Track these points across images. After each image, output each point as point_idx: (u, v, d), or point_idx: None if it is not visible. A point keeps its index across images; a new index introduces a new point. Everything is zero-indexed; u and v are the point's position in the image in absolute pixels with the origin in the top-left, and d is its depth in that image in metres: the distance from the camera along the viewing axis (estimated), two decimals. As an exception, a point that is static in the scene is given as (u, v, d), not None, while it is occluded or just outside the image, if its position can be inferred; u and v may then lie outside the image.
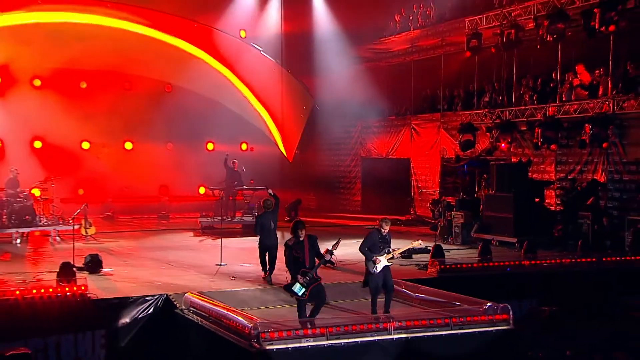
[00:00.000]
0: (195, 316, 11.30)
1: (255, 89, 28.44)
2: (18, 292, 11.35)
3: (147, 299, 12.07)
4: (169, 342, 11.86)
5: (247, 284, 13.57)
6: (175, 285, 13.09)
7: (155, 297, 12.15)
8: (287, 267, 10.96)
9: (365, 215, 25.69)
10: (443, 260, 14.94)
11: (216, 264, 15.46)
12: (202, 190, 26.85)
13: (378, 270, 11.34)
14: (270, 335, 9.56)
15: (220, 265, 15.38)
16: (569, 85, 20.32)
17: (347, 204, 29.46)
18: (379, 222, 11.60)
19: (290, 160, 29.36)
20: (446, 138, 24.77)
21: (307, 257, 10.80)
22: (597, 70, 19.61)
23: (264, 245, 13.91)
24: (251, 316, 10.30)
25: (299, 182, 27.94)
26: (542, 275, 14.98)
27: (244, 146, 28.99)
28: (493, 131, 21.93)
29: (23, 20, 24.13)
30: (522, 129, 21.30)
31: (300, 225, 11.04)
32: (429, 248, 15.66)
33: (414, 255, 16.09)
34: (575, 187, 19.11)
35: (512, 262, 15.37)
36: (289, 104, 28.63)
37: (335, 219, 25.67)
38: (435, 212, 21.57)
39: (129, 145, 27.06)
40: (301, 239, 10.90)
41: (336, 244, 11.08)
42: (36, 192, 20.23)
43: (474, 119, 22.85)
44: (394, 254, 11.53)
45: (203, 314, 11.10)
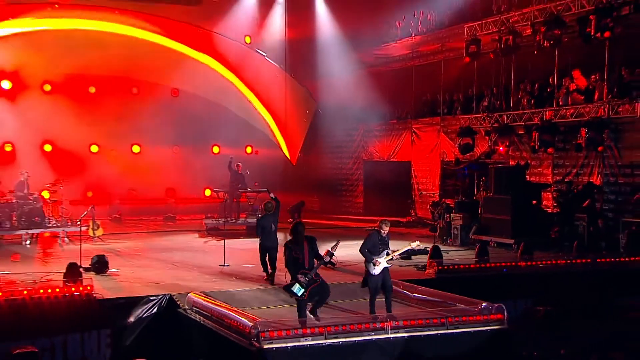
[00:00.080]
0: (197, 316, 11.35)
1: (259, 93, 28.52)
2: (26, 292, 11.40)
3: (152, 298, 12.10)
4: (173, 341, 11.89)
5: (249, 285, 13.58)
6: (179, 286, 13.12)
7: (159, 297, 12.17)
8: (287, 268, 11.00)
9: (367, 217, 25.67)
10: (441, 261, 14.94)
11: (219, 265, 15.53)
12: (208, 192, 26.92)
13: (378, 272, 11.32)
14: (269, 334, 9.60)
15: (224, 265, 15.45)
16: (565, 90, 20.30)
17: (350, 206, 29.45)
18: (379, 224, 11.57)
19: (293, 163, 29.40)
20: (446, 141, 24.76)
21: (307, 258, 10.83)
22: (593, 76, 19.56)
23: (265, 246, 13.94)
24: (251, 316, 10.33)
25: (302, 185, 27.94)
26: (538, 276, 14.97)
27: (248, 149, 29.05)
28: (491, 135, 21.93)
29: (34, 27, 24.34)
30: (520, 132, 21.28)
31: (300, 227, 11.09)
32: (428, 249, 15.68)
33: (413, 257, 16.09)
34: (571, 190, 19.11)
35: (509, 263, 15.35)
36: (293, 108, 28.67)
37: (337, 221, 25.68)
38: (435, 214, 21.53)
39: (136, 148, 27.15)
40: (301, 241, 10.94)
41: (335, 245, 11.09)
42: (46, 195, 20.28)
43: (473, 123, 22.83)
44: (393, 255, 11.52)
45: (205, 314, 11.15)
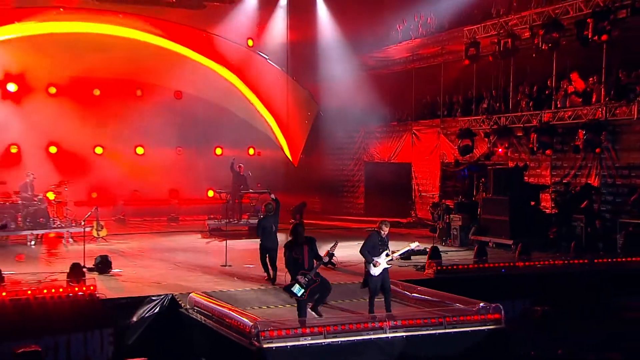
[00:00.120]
0: (199, 315, 11.37)
1: (261, 95, 28.49)
2: (30, 292, 11.44)
3: (154, 298, 12.14)
4: (174, 341, 11.92)
5: (250, 285, 13.61)
6: (181, 286, 13.15)
7: (161, 297, 12.21)
8: (287, 268, 11.04)
9: (368, 218, 25.64)
10: (440, 261, 14.99)
11: (221, 265, 15.56)
12: (211, 193, 26.89)
13: (378, 273, 11.32)
14: (269, 333, 9.62)
15: (226, 266, 15.47)
16: (563, 92, 20.33)
17: (351, 206, 29.45)
18: (379, 225, 11.58)
19: (295, 165, 29.39)
20: (446, 143, 24.77)
21: (306, 259, 10.89)
22: (591, 78, 19.61)
23: (265, 247, 13.96)
24: (252, 316, 10.35)
25: (304, 186, 27.91)
26: (536, 276, 14.96)
27: (251, 151, 29.03)
28: (491, 136, 22.00)
29: (39, 31, 24.31)
30: (519, 134, 21.31)
31: (300, 228, 11.13)
32: (427, 250, 15.69)
33: (413, 257, 16.07)
34: (569, 191, 19.11)
35: (507, 264, 15.36)
36: (294, 110, 28.65)
37: (339, 222, 25.67)
38: (434, 215, 21.55)
39: (140, 150, 27.14)
40: (300, 241, 10.98)
41: (334, 245, 11.18)
42: (51, 196, 20.33)
43: (472, 125, 22.86)
44: (393, 256, 11.53)
45: (206, 314, 11.17)
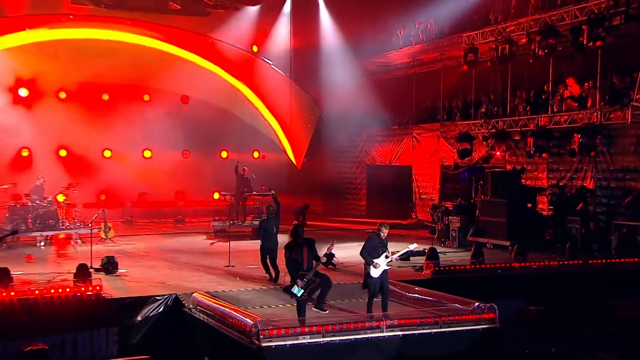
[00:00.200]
0: (201, 315, 11.43)
1: (266, 100, 28.56)
2: (37, 292, 11.52)
3: (158, 298, 12.19)
4: (178, 339, 11.99)
5: (252, 285, 13.66)
6: (185, 286, 13.20)
7: (165, 297, 12.26)
8: (287, 269, 11.11)
9: (369, 220, 25.64)
10: (437, 262, 15.02)
11: (225, 266, 15.63)
12: (217, 195, 26.95)
13: (378, 274, 11.35)
14: (269, 332, 9.68)
15: (229, 266, 15.53)
16: (560, 97, 20.33)
17: (353, 208, 29.48)
18: (378, 227, 11.62)
19: (298, 167, 29.45)
20: (445, 146, 24.79)
21: (305, 260, 10.95)
22: (586, 83, 19.60)
23: (265, 248, 14.02)
24: (252, 315, 10.41)
25: (306, 188, 27.99)
26: (531, 276, 14.98)
27: (255, 154, 29.10)
28: (489, 140, 21.99)
29: (50, 37, 24.43)
30: (516, 138, 21.30)
31: (300, 229, 11.20)
32: (426, 251, 15.71)
33: (412, 258, 16.08)
34: (564, 193, 19.13)
35: (503, 264, 15.36)
36: (298, 115, 28.73)
37: (341, 223, 25.68)
38: (434, 217, 21.57)
39: (147, 153, 27.22)
40: (300, 242, 11.05)
41: (331, 245, 11.32)
42: (60, 198, 20.42)
43: (471, 129, 22.86)
44: (392, 258, 11.57)
45: (209, 313, 11.23)
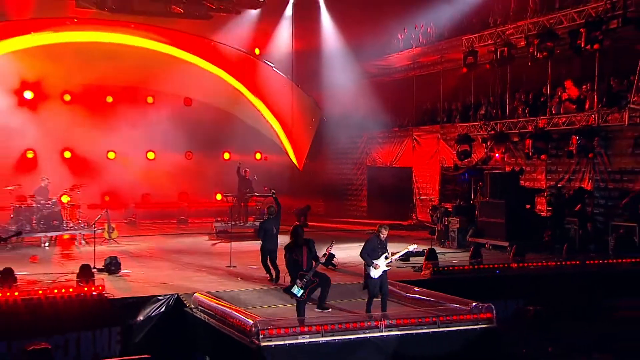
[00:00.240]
0: (202, 314, 11.44)
1: (268, 102, 28.63)
2: (41, 292, 11.53)
3: (160, 298, 12.19)
4: (179, 339, 12.00)
5: (253, 285, 13.67)
6: (187, 286, 13.19)
7: (167, 297, 12.27)
8: (287, 269, 11.14)
9: (370, 221, 25.64)
10: (436, 262, 15.01)
11: (226, 266, 15.65)
12: (219, 196, 27.00)
13: (377, 275, 11.38)
14: (269, 332, 9.67)
15: (230, 267, 15.57)
16: (558, 99, 20.36)
17: (354, 209, 29.51)
18: (378, 228, 11.63)
19: (300, 169, 29.51)
20: (445, 148, 24.81)
21: (305, 260, 10.98)
22: (584, 86, 19.63)
23: (266, 249, 14.04)
24: (252, 315, 10.42)
25: (308, 189, 28.05)
26: (529, 277, 14.97)
27: (257, 155, 29.17)
28: (488, 142, 22.05)
29: (55, 40, 24.52)
30: (515, 140, 21.34)
31: (300, 230, 11.23)
32: (425, 251, 15.72)
33: (411, 258, 16.08)
34: (563, 195, 19.14)
35: (501, 265, 15.36)
36: (299, 117, 28.81)
37: (342, 224, 25.70)
38: (434, 218, 21.60)
39: (151, 155, 27.29)
40: (300, 243, 11.08)
41: (330, 246, 11.34)
42: (65, 199, 20.49)
43: (470, 131, 22.89)
44: (392, 259, 11.60)
45: (210, 313, 11.24)
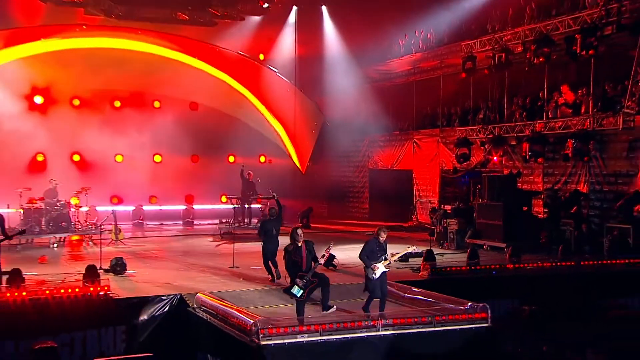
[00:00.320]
0: (205, 314, 11.48)
1: (271, 107, 28.70)
2: (48, 292, 11.60)
3: (163, 298, 12.22)
4: (182, 337, 12.05)
5: (254, 285, 13.71)
6: (190, 286, 13.23)
7: (171, 297, 12.29)
8: (287, 271, 11.19)
9: (372, 222, 25.63)
10: (434, 263, 15.03)
11: (229, 267, 15.71)
12: (224, 199, 27.08)
13: (377, 277, 11.41)
14: (268, 331, 9.70)
15: (233, 267, 15.62)
16: (554, 103, 20.38)
17: (356, 211, 29.53)
18: (377, 231, 11.66)
19: (303, 172, 29.55)
20: (445, 151, 24.84)
21: (304, 261, 11.03)
22: (580, 91, 19.67)
23: (267, 249, 14.11)
24: (252, 314, 10.47)
25: (311, 192, 28.09)
26: (525, 277, 14.97)
27: (262, 158, 29.22)
28: (486, 145, 22.10)
29: (64, 46, 24.66)
30: (513, 143, 21.38)
31: (299, 231, 11.29)
32: (423, 252, 15.74)
33: (410, 259, 16.10)
34: (559, 197, 19.15)
35: (497, 266, 15.36)
36: (302, 121, 28.87)
37: (344, 226, 25.70)
38: (433, 219, 21.63)
39: (158, 158, 27.35)
40: (299, 245, 11.13)
41: (328, 247, 11.42)
42: (74, 201, 20.57)
43: (469, 134, 22.94)
44: (391, 260, 11.64)
45: (212, 312, 11.28)
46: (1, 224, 13.02)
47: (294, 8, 28.17)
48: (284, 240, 12.50)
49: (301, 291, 10.92)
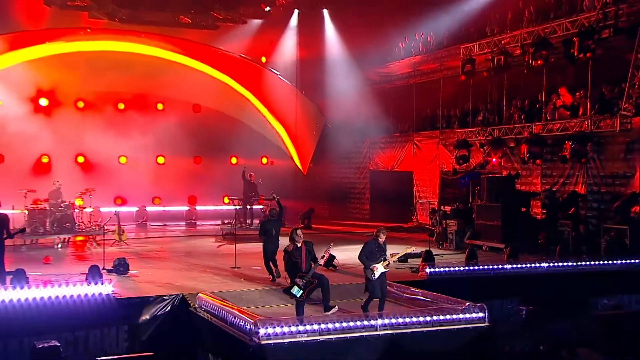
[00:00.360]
0: (206, 314, 11.49)
1: (273, 109, 28.72)
2: (51, 292, 11.57)
3: (165, 298, 12.23)
4: (184, 337, 12.04)
5: (255, 285, 13.73)
6: (192, 286, 13.26)
7: (172, 297, 12.30)
8: (286, 271, 11.21)
9: (373, 223, 25.62)
10: (433, 264, 15.03)
11: (231, 267, 15.73)
12: (227, 200, 27.10)
13: (376, 277, 11.44)
14: (269, 331, 9.72)
15: (235, 268, 15.65)
16: (552, 106, 20.41)
17: (357, 212, 29.52)
18: (376, 232, 11.69)
19: (304, 173, 29.58)
20: (444, 153, 24.85)
21: (304, 262, 11.06)
22: (578, 93, 19.68)
23: (267, 249, 14.14)
24: (252, 314, 10.49)
25: (312, 193, 28.12)
26: (522, 278, 14.96)
27: (264, 160, 29.26)
28: (485, 147, 22.14)
29: (68, 50, 24.69)
30: (511, 145, 21.41)
31: (299, 232, 11.31)
32: (423, 253, 15.76)
33: (410, 260, 16.13)
34: (557, 198, 19.16)
35: (495, 266, 15.37)
36: (303, 123, 28.90)
37: (345, 226, 25.69)
38: (433, 220, 21.65)
39: (161, 159, 27.39)
40: (299, 245, 11.16)
41: (328, 248, 11.47)
42: (78, 202, 20.60)
43: (468, 136, 22.96)
44: (390, 261, 11.66)
45: (213, 312, 11.29)
46: (5, 223, 13.03)
47: (296, 11, 28.18)
48: (284, 241, 12.53)
49: (301, 291, 10.94)
